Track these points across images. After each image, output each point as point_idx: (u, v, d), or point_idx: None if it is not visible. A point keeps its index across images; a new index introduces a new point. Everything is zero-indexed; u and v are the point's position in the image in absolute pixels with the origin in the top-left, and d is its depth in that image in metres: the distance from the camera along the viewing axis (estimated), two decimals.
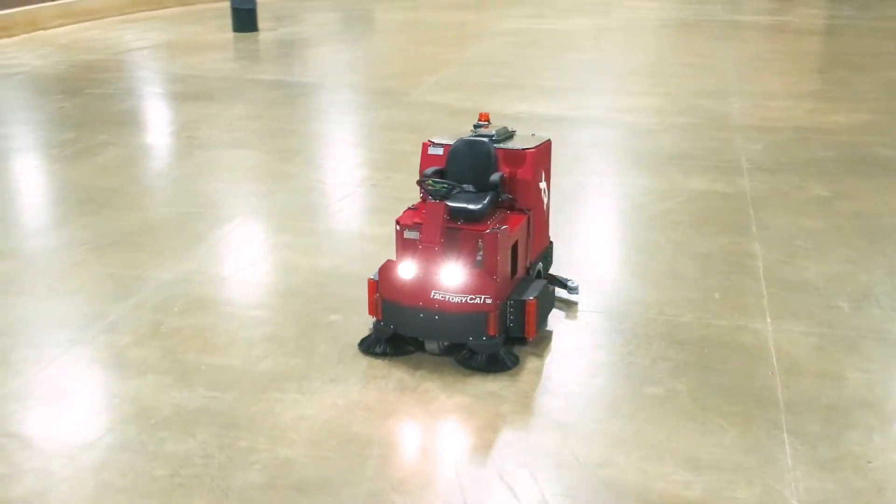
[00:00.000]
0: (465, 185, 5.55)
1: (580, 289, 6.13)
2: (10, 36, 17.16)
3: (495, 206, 5.53)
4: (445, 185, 5.22)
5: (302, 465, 4.39)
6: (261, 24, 18.09)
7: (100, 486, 4.24)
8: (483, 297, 5.14)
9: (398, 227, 5.45)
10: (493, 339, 5.21)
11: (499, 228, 5.25)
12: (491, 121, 6.08)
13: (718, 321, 5.82)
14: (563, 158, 9.01)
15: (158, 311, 5.99)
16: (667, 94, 12.31)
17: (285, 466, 4.38)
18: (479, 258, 5.24)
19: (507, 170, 5.62)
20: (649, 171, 8.89)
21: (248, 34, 17.67)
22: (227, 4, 18.19)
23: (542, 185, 5.82)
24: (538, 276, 5.91)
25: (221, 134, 10.25)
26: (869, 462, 4.40)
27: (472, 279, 5.14)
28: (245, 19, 17.93)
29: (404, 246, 5.41)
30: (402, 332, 5.34)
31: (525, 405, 4.90)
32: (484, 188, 5.53)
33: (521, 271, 5.59)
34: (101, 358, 5.40)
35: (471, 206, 5.38)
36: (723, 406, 4.88)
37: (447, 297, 5.16)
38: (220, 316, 5.93)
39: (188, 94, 12.44)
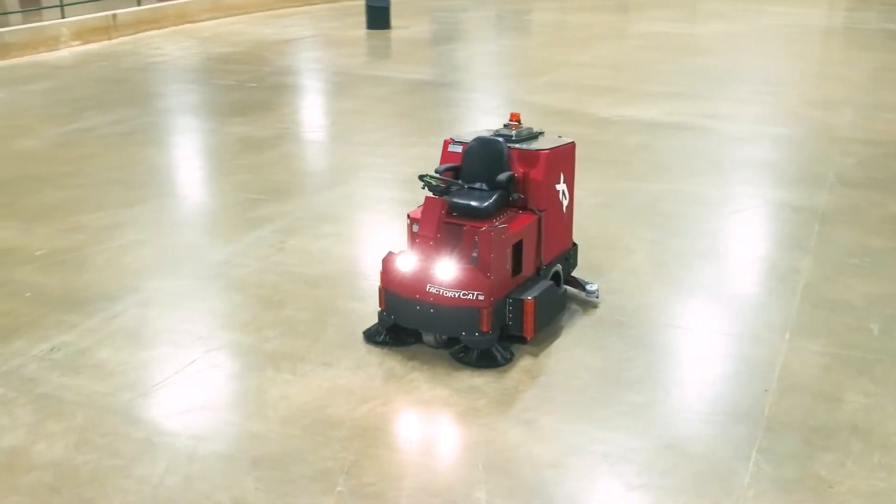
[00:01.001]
0: (477, 183, 5.64)
1: (601, 293, 6.09)
2: (159, 28, 18.23)
3: (505, 205, 5.59)
4: (443, 183, 5.32)
5: (267, 440, 4.61)
6: (395, 21, 18.53)
7: (80, 440, 4.57)
8: (476, 293, 5.22)
9: (409, 221, 5.59)
10: (486, 335, 5.28)
11: (495, 227, 5.31)
12: (521, 121, 6.13)
13: (732, 333, 5.69)
14: (642, 164, 8.99)
15: (197, 287, 6.34)
16: (776, 102, 11.92)
17: (251, 440, 4.61)
18: (474, 255, 5.32)
19: (521, 170, 5.67)
20: (726, 180, 8.68)
21: (381, 31, 18.14)
22: (335, 5, 18.67)
23: (561, 187, 5.83)
24: (555, 277, 5.92)
25: (315, 126, 10.63)
26: (831, 487, 4.24)
27: (465, 275, 5.23)
28: (378, 17, 18.41)
29: (413, 239, 5.55)
30: (401, 323, 5.49)
31: (501, 402, 4.95)
32: (495, 186, 5.60)
33: (528, 271, 5.63)
34: (123, 327, 5.78)
35: (475, 204, 5.47)
36: (700, 418, 4.79)
37: (441, 291, 5.27)
38: (248, 297, 6.23)
39: (303, 86, 12.93)
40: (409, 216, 5.61)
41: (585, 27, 19.22)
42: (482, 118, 10.99)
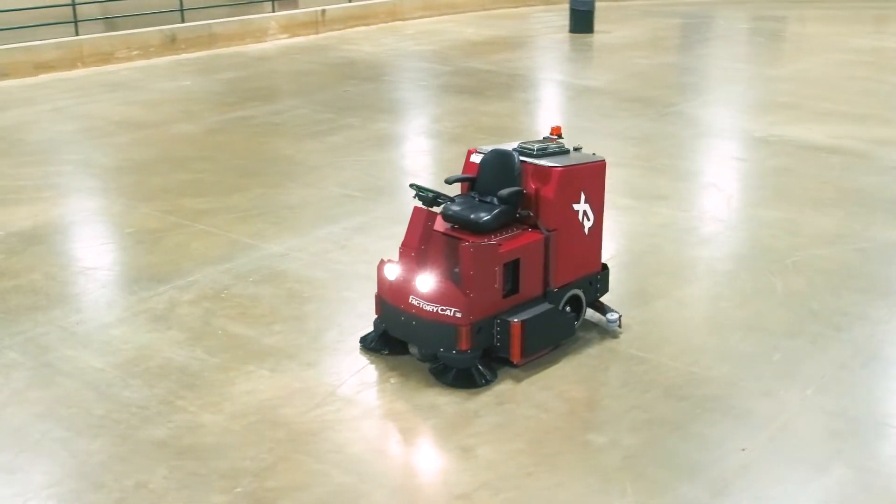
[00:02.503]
0: (489, 197, 5.48)
1: (631, 321, 5.75)
2: (367, 24, 18.88)
3: (510, 220, 5.39)
4: (430, 193, 5.21)
5: (207, 432, 4.71)
6: (601, 26, 18.17)
7: (46, 410, 4.87)
8: (453, 309, 5.07)
9: None
10: (465, 354, 5.12)
11: (479, 243, 5.13)
12: (561, 135, 5.90)
13: (746, 384, 5.19)
14: (765, 190, 8.35)
15: (237, 277, 6.57)
16: None
17: (193, 430, 4.73)
18: (456, 270, 5.17)
19: (534, 186, 5.44)
20: (847, 212, 7.87)
21: (583, 35, 17.85)
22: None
23: (581, 207, 5.53)
24: (573, 301, 5.63)
25: (453, 127, 10.64)
26: None
27: (441, 290, 5.10)
28: (581, 21, 18.13)
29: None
30: (390, 332, 5.43)
31: (452, 424, 4.80)
32: (503, 201, 5.42)
33: (530, 292, 5.39)
34: (151, 309, 6.08)
35: (474, 217, 5.31)
36: (647, 470, 4.42)
37: (421, 303, 5.17)
38: (280, 290, 6.37)
39: (464, 87, 12.98)
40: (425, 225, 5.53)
41: (804, 38, 18.02)
42: (636, 125, 10.60)
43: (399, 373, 5.27)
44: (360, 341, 5.57)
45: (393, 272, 5.29)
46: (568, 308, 5.65)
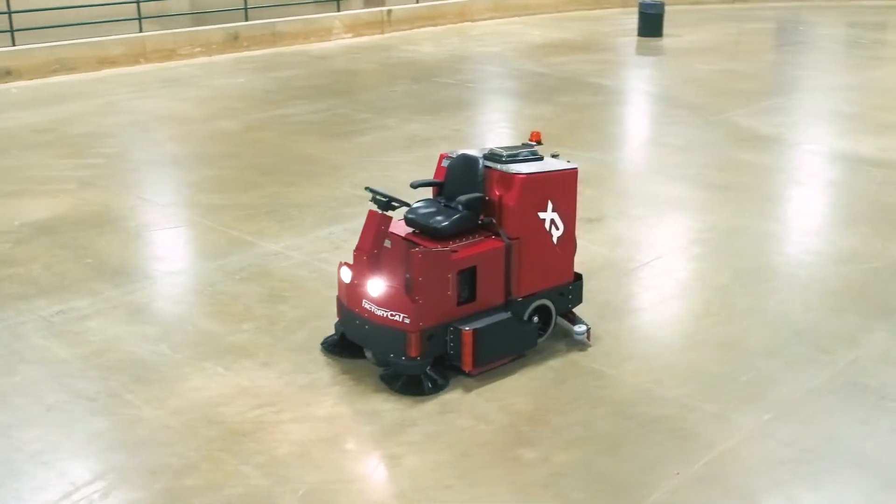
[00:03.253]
0: (454, 202, 5.40)
1: (593, 335, 5.61)
2: (434, 25, 18.90)
3: (471, 227, 5.30)
4: (385, 197, 5.16)
5: (145, 426, 4.77)
6: (672, 29, 17.82)
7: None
8: (402, 315, 5.02)
9: None
10: (414, 360, 5.06)
11: (428, 249, 5.06)
12: (541, 141, 5.80)
13: (702, 405, 4.99)
14: (787, 202, 8.05)
15: (225, 274, 6.64)
16: None
17: (131, 424, 4.79)
18: (408, 275, 5.11)
19: (499, 193, 5.34)
20: (873, 229, 7.49)
21: (651, 39, 17.53)
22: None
23: (548, 215, 5.40)
24: (542, 312, 5.51)
25: (484, 131, 10.56)
26: None
27: (390, 295, 5.05)
28: (650, 24, 17.81)
29: (382, 252, 5.43)
30: (347, 335, 5.40)
31: (387, 432, 4.74)
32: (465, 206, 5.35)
33: (490, 300, 5.29)
34: (132, 302, 6.18)
35: (432, 222, 5.25)
36: (570, 490, 4.29)
37: (372, 308, 5.13)
38: (262, 289, 6.40)
39: (512, 90, 12.89)
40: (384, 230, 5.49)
41: (889, 46, 17.31)
42: (679, 132, 10.35)
43: (351, 376, 5.24)
44: (322, 344, 5.55)
45: (347, 275, 5.25)
46: (536, 318, 5.52)
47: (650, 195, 8.29)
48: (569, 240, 5.59)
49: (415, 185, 5.64)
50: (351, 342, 5.40)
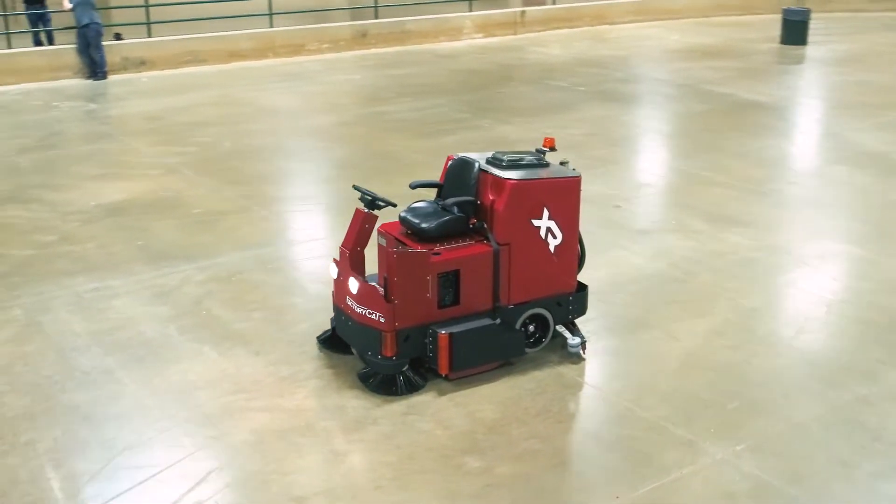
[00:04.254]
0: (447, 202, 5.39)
1: (588, 349, 5.47)
2: (570, 27, 18.73)
3: (460, 230, 5.28)
4: (369, 196, 5.20)
5: (122, 402, 4.99)
6: (817, 37, 17.03)
7: (4, 364, 5.35)
8: (378, 314, 5.05)
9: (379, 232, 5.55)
10: (389, 360, 5.09)
11: (406, 250, 5.07)
12: (555, 147, 5.70)
13: (675, 430, 4.78)
14: (870, 224, 7.65)
15: (258, 263, 6.85)
16: None
17: (111, 399, 5.02)
18: (385, 275, 5.13)
19: (492, 197, 5.30)
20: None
21: (793, 47, 16.80)
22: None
23: (543, 223, 5.30)
24: (537, 321, 5.42)
25: (575, 135, 10.38)
26: None
27: (364, 293, 5.09)
28: (794, 32, 17.06)
29: (379, 250, 5.49)
30: (336, 330, 5.48)
31: (344, 429, 4.78)
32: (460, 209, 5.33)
33: (477, 305, 5.23)
34: (161, 285, 6.46)
35: (422, 224, 5.25)
36: (499, 500, 4.22)
37: (353, 305, 5.18)
38: (286, 280, 6.58)
39: (620, 95, 12.63)
40: (379, 230, 5.55)
41: None
42: (756, 144, 9.91)
43: (334, 371, 5.31)
44: (317, 338, 5.64)
45: (334, 271, 5.32)
46: (531, 327, 5.43)
47: (716, 209, 7.96)
48: (569, 249, 5.45)
49: (413, 186, 5.65)
50: (340, 338, 5.46)
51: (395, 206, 5.28)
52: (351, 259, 5.19)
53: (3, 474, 4.37)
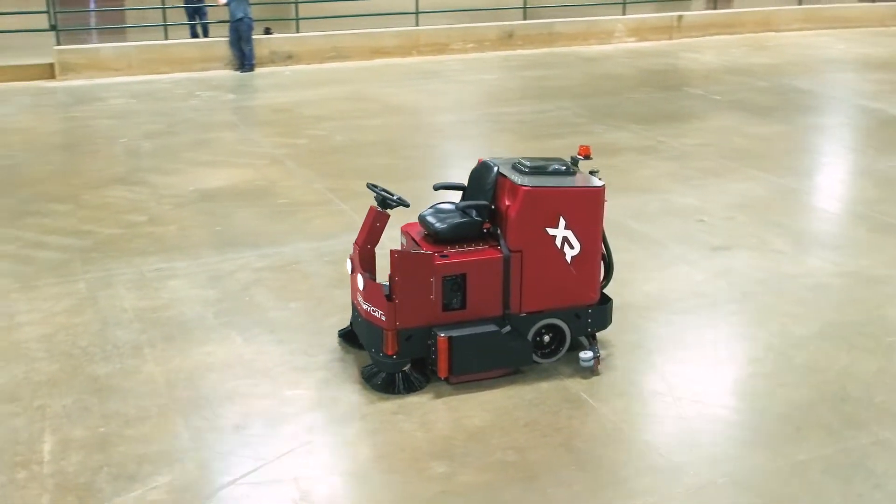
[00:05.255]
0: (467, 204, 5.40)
1: (603, 363, 5.34)
2: (731, 33, 18.07)
3: (473, 234, 5.26)
4: (381, 194, 5.25)
5: (136, 378, 5.25)
6: None
7: (51, 332, 5.74)
8: (379, 312, 5.12)
9: (401, 234, 5.63)
10: (390, 358, 5.14)
11: (407, 251, 5.10)
12: (590, 156, 5.61)
13: (655, 456, 4.58)
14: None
15: (317, 255, 7.04)
16: None
17: (128, 374, 5.29)
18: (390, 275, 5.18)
19: (508, 203, 5.25)
20: None
21: None
22: None
23: (558, 232, 5.19)
24: (552, 330, 5.34)
25: (687, 145, 10.06)
26: None
27: (369, 290, 5.15)
28: None
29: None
30: (352, 325, 5.58)
31: (330, 421, 4.86)
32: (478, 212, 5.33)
33: (483, 310, 5.20)
34: (219, 270, 6.75)
35: (437, 225, 5.28)
36: None
37: (361, 301, 5.27)
38: (336, 273, 6.69)
39: (751, 105, 12.09)
40: (402, 229, 5.62)
41: None
42: (886, 163, 9.28)
43: (344, 365, 5.40)
44: (339, 332, 5.75)
45: (349, 267, 5.41)
46: (547, 338, 5.35)
47: (807, 230, 7.54)
48: (589, 260, 5.31)
49: (437, 187, 5.66)
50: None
51: (408, 206, 5.30)
52: (360, 256, 5.26)
53: (6, 434, 4.69)
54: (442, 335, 5.03)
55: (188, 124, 11.13)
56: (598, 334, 5.51)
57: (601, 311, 5.46)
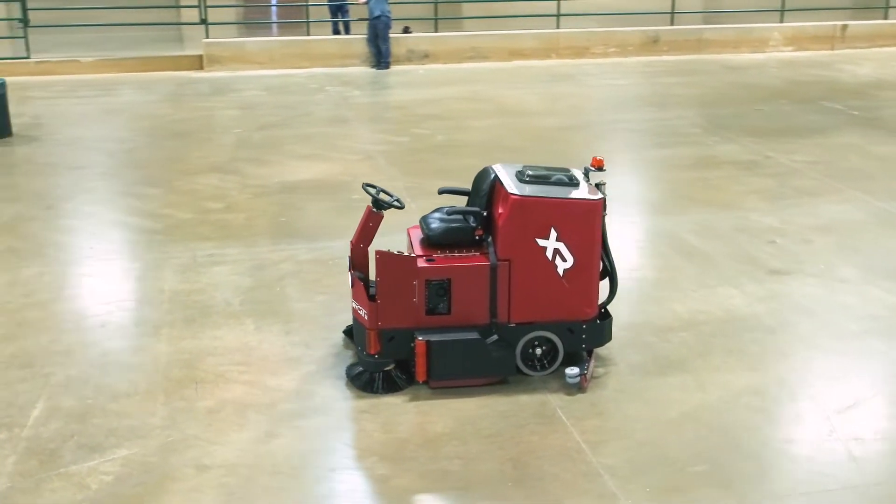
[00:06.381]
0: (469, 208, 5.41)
1: (592, 380, 5.22)
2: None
3: (465, 240, 5.26)
4: (373, 195, 5.32)
5: (141, 355, 5.55)
6: None
7: (90, 303, 6.16)
8: (363, 311, 5.21)
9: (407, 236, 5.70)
10: (372, 357, 5.22)
11: (390, 252, 5.14)
12: (603, 168, 5.50)
13: (607, 480, 4.45)
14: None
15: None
16: None
17: (137, 350, 5.60)
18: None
19: (500, 210, 5.22)
20: None
21: None
22: None
23: (550, 244, 5.10)
24: (546, 345, 5.26)
25: (795, 161, 9.57)
26: None
27: (355, 288, 5.24)
28: None
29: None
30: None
31: (297, 415, 4.95)
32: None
33: (469, 317, 5.18)
34: (264, 259, 7.00)
35: (429, 228, 5.32)
36: None
37: (351, 299, 5.37)
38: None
39: (886, 123, 11.35)
40: (408, 230, 5.69)
41: None
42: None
43: (337, 360, 5.49)
44: (344, 329, 5.85)
45: (350, 266, 5.51)
46: (539, 350, 5.27)
47: (886, 260, 7.03)
48: (584, 275, 5.18)
49: (441, 191, 5.66)
50: None
51: (401, 207, 5.33)
52: (353, 255, 5.33)
53: (7, 397, 5.07)
54: (420, 339, 5.04)
55: (305, 118, 11.53)
56: (602, 351, 5.37)
57: (597, 327, 5.31)
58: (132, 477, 4.41)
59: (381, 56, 14.55)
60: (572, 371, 5.16)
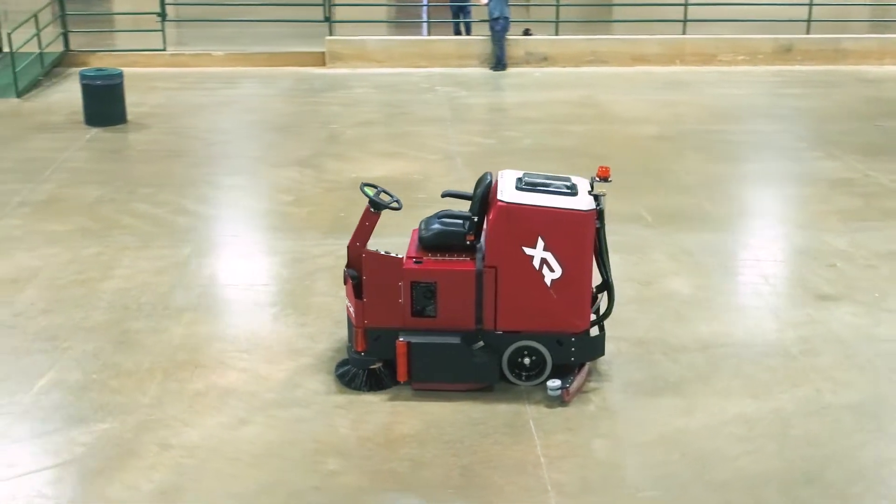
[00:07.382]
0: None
1: (575, 395, 5.15)
2: None
3: (456, 244, 5.28)
4: (369, 196, 5.39)
5: (157, 336, 5.84)
6: None
7: (124, 286, 6.51)
8: (352, 308, 5.32)
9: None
10: (358, 354, 5.32)
11: (377, 252, 5.21)
12: (609, 178, 5.41)
13: (553, 498, 4.41)
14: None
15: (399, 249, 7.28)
16: None
17: (154, 332, 5.89)
18: None
19: (491, 217, 5.22)
20: None
21: None
22: None
23: (537, 253, 5.07)
24: (533, 355, 5.23)
25: (869, 182, 9.02)
26: None
27: (347, 285, 5.35)
28: None
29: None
30: None
31: (275, 405, 5.11)
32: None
33: (455, 322, 5.20)
34: (304, 252, 7.19)
35: (423, 231, 5.38)
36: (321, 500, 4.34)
37: (345, 296, 5.49)
38: None
39: None
40: (412, 231, 5.75)
41: None
42: None
43: (333, 356, 5.62)
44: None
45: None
46: (527, 360, 5.24)
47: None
48: (573, 286, 5.11)
49: (444, 195, 5.68)
50: None
51: (397, 209, 5.38)
52: (349, 254, 5.43)
53: (25, 366, 5.45)
54: (402, 339, 5.09)
55: (403, 117, 11.70)
56: (603, 365, 5.30)
57: (588, 340, 5.22)
58: (103, 451, 4.66)
59: (498, 57, 14.57)
60: (554, 384, 5.09)
